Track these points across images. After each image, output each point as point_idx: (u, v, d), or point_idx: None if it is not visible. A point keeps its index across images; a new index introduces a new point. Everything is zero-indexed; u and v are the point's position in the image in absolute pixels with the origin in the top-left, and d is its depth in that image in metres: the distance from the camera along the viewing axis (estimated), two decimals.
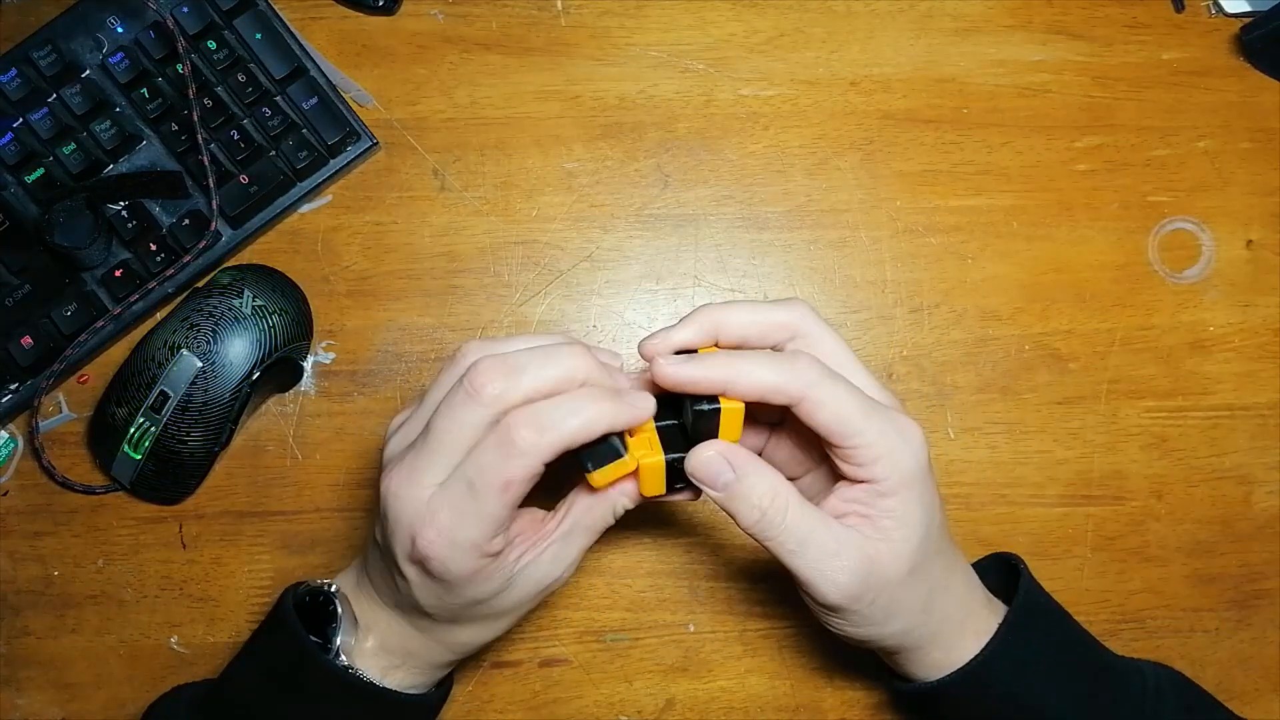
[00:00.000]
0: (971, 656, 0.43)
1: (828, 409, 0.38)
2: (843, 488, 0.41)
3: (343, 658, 0.42)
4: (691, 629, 0.53)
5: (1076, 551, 0.55)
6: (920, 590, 0.41)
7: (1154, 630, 0.54)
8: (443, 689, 0.47)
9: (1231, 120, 0.58)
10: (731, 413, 0.39)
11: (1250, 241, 0.57)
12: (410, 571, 0.40)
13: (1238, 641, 0.55)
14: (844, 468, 0.40)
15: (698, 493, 0.41)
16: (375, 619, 0.43)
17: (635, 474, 0.40)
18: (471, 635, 0.43)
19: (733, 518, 0.40)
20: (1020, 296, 0.56)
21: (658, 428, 0.40)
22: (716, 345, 0.41)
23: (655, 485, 0.40)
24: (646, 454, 0.39)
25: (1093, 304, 0.56)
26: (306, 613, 0.43)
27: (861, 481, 0.40)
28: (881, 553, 0.40)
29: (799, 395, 0.38)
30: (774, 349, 0.41)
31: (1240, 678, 0.54)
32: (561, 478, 0.41)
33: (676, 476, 0.40)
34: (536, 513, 0.43)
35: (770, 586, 0.53)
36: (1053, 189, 0.57)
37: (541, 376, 0.38)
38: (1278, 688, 0.55)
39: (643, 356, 0.41)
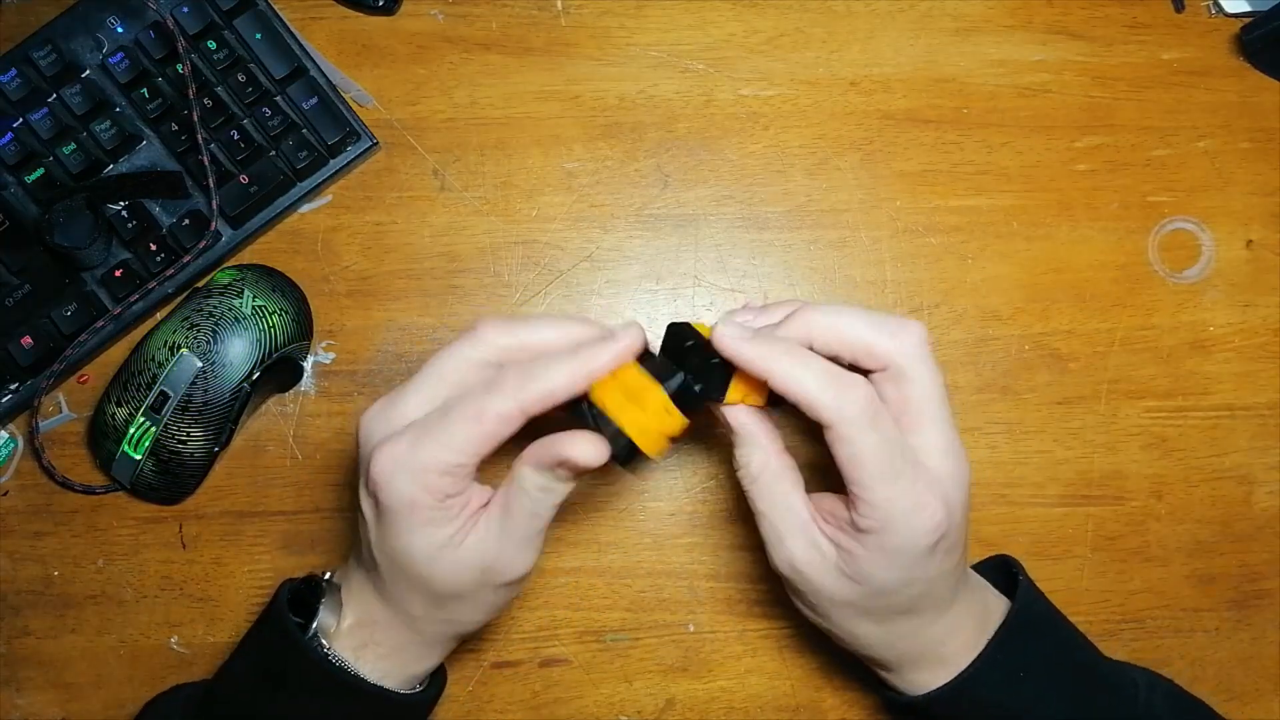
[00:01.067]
0: (933, 688, 0.43)
1: (849, 450, 0.38)
2: (840, 503, 0.41)
3: (321, 639, 0.42)
4: (691, 629, 0.53)
5: (1076, 551, 0.55)
6: (865, 627, 0.42)
7: (1154, 630, 0.54)
8: (428, 692, 0.46)
9: (1231, 120, 0.58)
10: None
11: (1250, 241, 0.57)
12: (366, 506, 0.40)
13: (1238, 641, 0.55)
14: (849, 498, 0.40)
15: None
16: (354, 594, 0.43)
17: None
18: (422, 609, 0.42)
19: None
20: (1020, 296, 0.56)
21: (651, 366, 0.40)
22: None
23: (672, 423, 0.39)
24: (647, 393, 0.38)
25: (1093, 304, 0.56)
26: (302, 605, 0.43)
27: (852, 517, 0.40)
28: (824, 573, 0.40)
29: (830, 422, 0.38)
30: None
31: (1240, 678, 0.54)
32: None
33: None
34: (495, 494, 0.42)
35: (770, 586, 0.53)
36: (1053, 189, 0.57)
37: (539, 334, 0.39)
38: (1278, 688, 0.55)
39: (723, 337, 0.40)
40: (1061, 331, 0.56)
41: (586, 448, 0.38)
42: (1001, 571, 0.47)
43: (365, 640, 0.43)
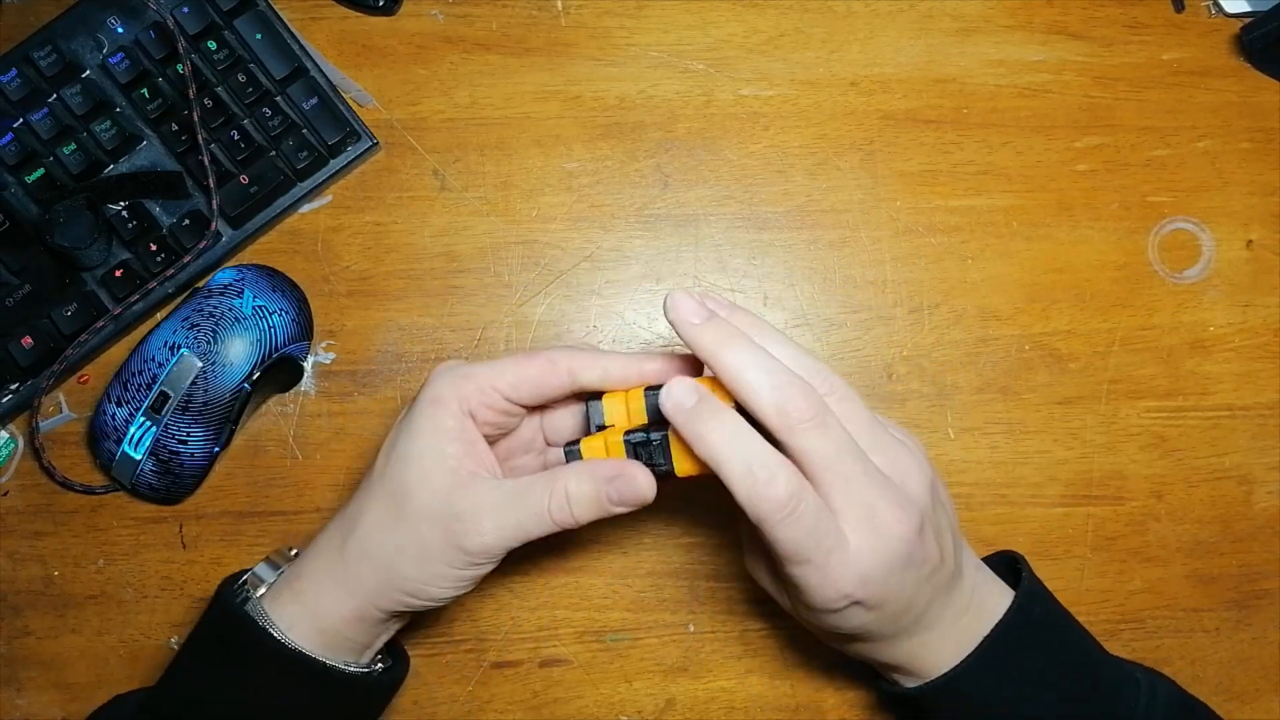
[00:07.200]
0: (921, 683, 0.44)
1: (769, 537, 0.38)
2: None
3: (257, 590, 0.43)
4: (691, 629, 0.53)
5: (1076, 551, 0.55)
6: (842, 637, 0.43)
7: (1154, 630, 0.54)
8: (386, 677, 0.45)
9: (1231, 120, 0.58)
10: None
11: (1250, 241, 0.57)
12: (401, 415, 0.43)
13: (1238, 641, 0.55)
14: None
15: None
16: (308, 551, 0.44)
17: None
18: (376, 519, 0.41)
19: None
20: (1020, 296, 0.56)
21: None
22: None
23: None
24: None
25: (1093, 304, 0.56)
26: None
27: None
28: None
29: (750, 517, 0.37)
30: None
31: (1240, 678, 0.54)
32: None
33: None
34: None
35: None
36: (1053, 189, 0.57)
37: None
38: (1278, 688, 0.55)
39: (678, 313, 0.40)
40: (1061, 331, 0.56)
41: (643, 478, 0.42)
42: (1001, 570, 0.47)
43: (300, 592, 0.43)
